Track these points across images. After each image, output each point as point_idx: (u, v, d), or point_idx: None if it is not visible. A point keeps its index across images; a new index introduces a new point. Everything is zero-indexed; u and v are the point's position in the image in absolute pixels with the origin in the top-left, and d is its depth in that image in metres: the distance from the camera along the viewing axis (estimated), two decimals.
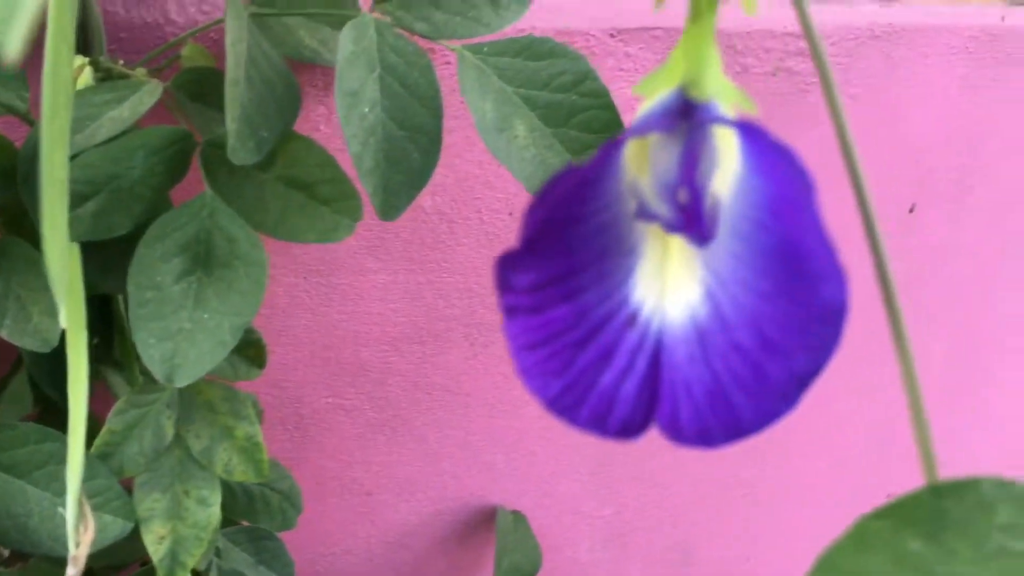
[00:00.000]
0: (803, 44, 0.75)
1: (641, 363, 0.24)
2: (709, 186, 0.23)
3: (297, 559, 0.65)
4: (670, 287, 0.24)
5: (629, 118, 0.34)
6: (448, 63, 0.63)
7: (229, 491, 0.56)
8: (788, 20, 0.74)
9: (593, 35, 0.69)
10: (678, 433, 0.24)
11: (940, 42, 0.83)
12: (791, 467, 0.98)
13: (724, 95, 0.24)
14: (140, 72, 0.50)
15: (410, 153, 0.49)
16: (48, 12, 0.26)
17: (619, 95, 0.55)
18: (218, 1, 0.55)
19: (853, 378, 0.95)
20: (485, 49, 0.51)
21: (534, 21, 0.68)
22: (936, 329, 1.01)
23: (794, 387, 0.23)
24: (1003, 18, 0.86)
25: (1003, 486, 0.23)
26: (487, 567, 0.84)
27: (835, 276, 0.22)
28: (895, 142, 0.86)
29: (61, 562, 0.45)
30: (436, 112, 0.50)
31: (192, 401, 0.51)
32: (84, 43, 0.50)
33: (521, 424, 0.78)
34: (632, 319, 0.24)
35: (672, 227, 0.23)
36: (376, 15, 0.51)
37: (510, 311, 0.24)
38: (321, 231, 0.47)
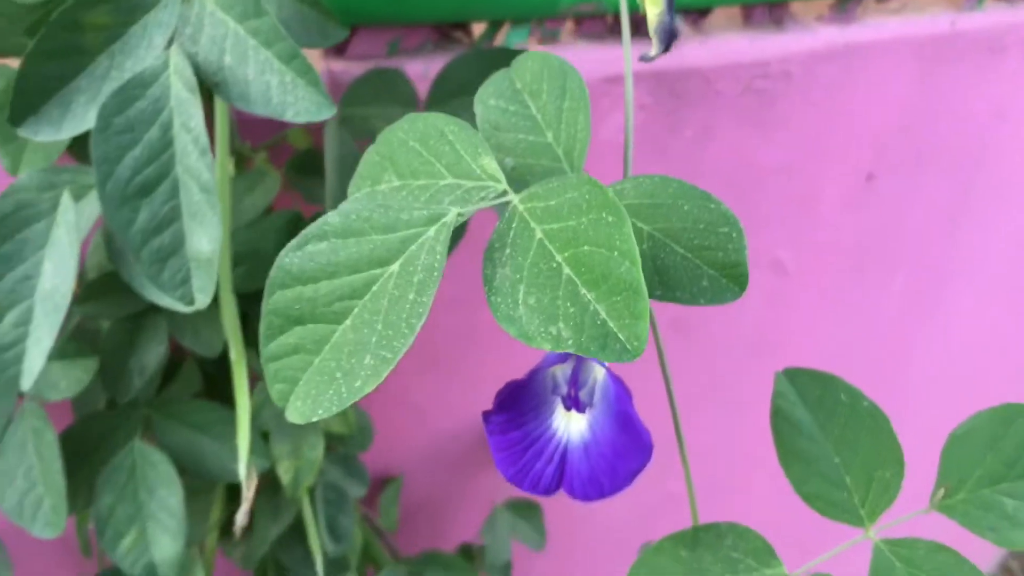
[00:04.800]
0: (767, 69, 0.93)
1: (556, 459, 0.48)
2: (589, 382, 0.46)
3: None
4: (572, 423, 0.48)
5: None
6: None
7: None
8: (753, 52, 0.92)
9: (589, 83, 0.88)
10: (573, 494, 0.48)
11: (893, 50, 1.00)
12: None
13: None
14: (261, 158, 0.73)
15: None
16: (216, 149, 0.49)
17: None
18: None
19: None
20: None
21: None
22: (894, 270, 1.21)
23: (631, 476, 0.47)
24: (953, 23, 1.02)
25: (732, 526, 0.47)
26: None
27: (646, 434, 0.45)
28: (852, 128, 1.04)
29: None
30: None
31: None
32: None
33: None
34: (552, 437, 0.48)
35: (566, 405, 0.46)
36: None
37: (490, 434, 0.48)
38: None
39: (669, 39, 0.53)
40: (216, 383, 0.76)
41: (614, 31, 0.87)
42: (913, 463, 0.51)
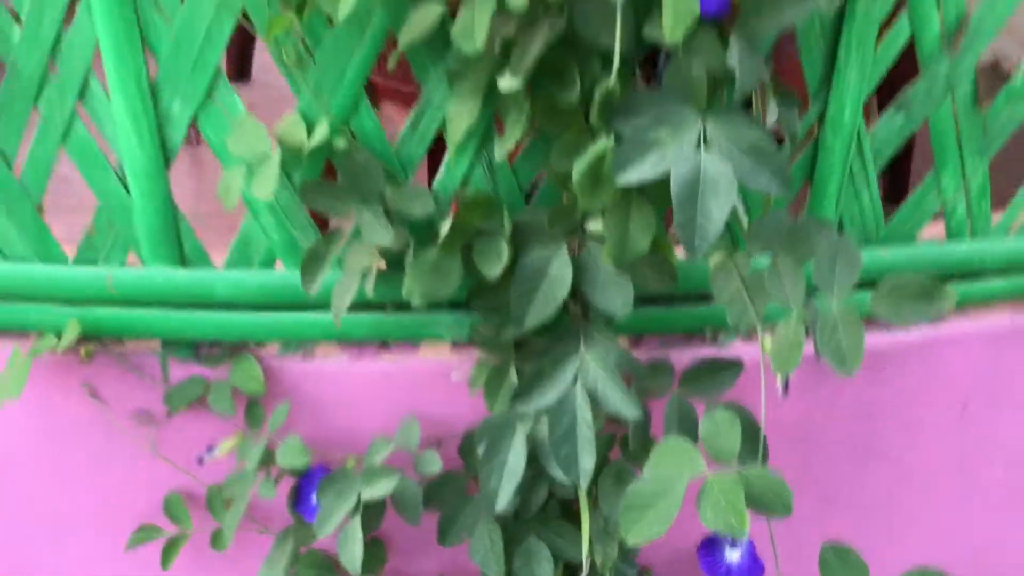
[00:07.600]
0: (881, 358, 1.59)
1: (725, 568, 1.18)
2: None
3: None
4: (734, 554, 1.18)
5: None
6: None
7: None
8: (871, 343, 1.58)
9: None
10: None
11: (966, 339, 1.62)
12: None
13: None
14: None
15: None
16: None
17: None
18: None
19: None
20: None
21: None
22: (991, 465, 1.79)
23: None
24: (1012, 319, 1.63)
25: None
26: None
27: (761, 564, 1.14)
28: (944, 379, 1.66)
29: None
30: None
31: None
32: None
33: None
34: (724, 559, 1.18)
35: (731, 546, 1.17)
36: None
37: (700, 555, 1.19)
38: None
39: (787, 390, 1.24)
40: (566, 509, 1.52)
41: None
42: None
